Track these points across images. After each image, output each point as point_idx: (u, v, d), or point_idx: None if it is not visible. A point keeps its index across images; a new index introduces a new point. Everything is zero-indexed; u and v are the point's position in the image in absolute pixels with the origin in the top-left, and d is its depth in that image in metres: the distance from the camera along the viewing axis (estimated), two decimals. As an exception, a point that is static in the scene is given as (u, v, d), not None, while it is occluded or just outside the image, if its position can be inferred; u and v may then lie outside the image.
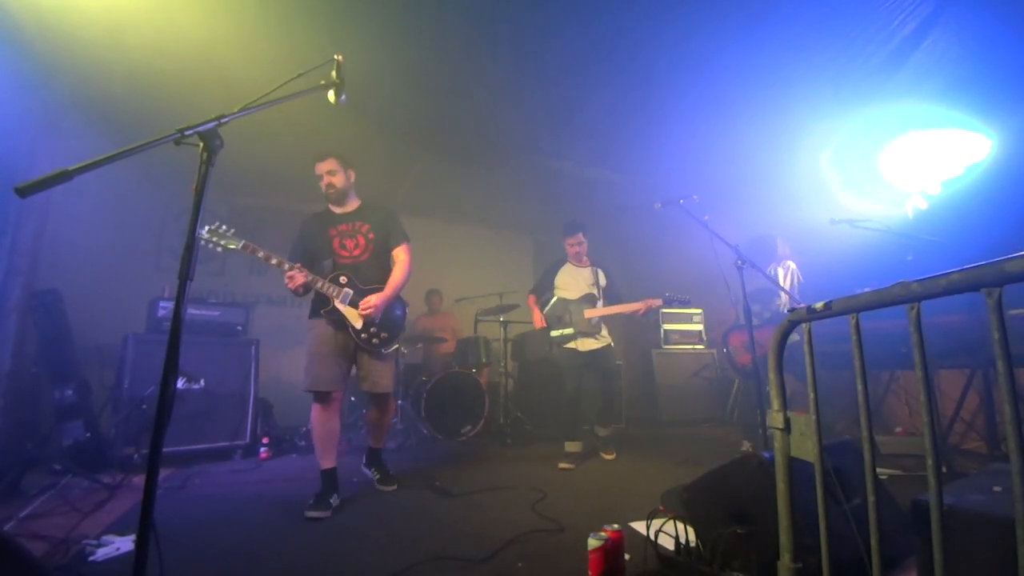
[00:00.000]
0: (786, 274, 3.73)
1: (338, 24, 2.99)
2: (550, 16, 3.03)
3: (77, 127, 3.78)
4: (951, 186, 3.64)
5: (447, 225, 6.56)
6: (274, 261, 2.33)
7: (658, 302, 3.43)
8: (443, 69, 3.52)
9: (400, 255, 2.66)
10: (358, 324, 2.47)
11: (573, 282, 3.57)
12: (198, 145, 1.19)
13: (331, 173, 2.59)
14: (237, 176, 4.66)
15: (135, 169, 4.18)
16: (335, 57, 1.54)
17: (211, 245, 2.27)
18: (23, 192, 0.99)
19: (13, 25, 2.89)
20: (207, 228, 2.29)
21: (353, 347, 2.55)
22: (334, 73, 1.53)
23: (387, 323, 2.56)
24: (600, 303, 3.51)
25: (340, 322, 2.49)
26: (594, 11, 2.98)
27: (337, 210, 2.67)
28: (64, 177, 1.01)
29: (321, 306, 2.48)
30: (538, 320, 3.51)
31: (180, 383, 3.39)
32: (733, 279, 2.79)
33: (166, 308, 3.64)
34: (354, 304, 2.47)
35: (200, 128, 1.18)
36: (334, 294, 2.45)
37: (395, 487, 2.69)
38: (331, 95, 1.54)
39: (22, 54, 3.09)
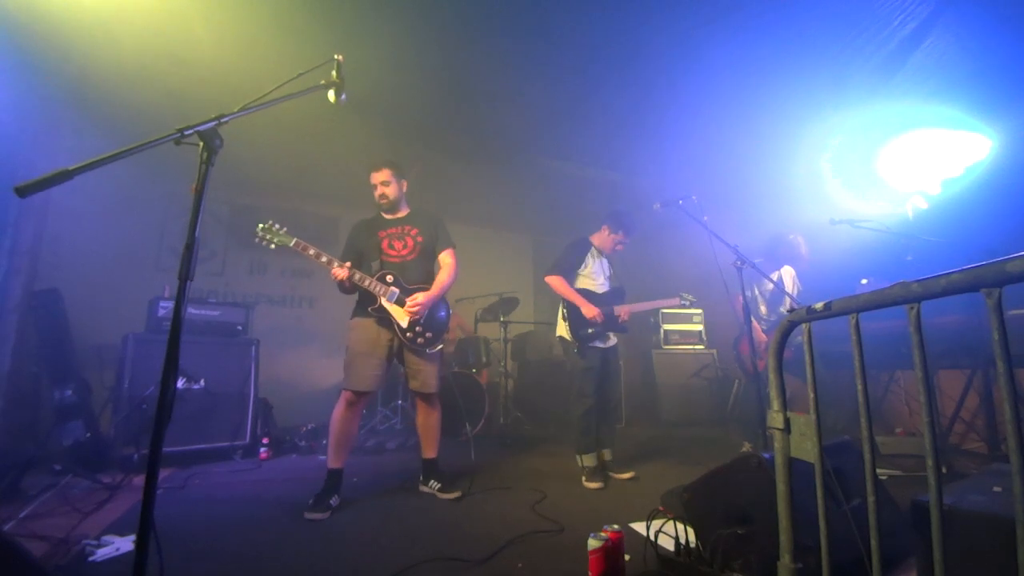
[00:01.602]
0: (792, 280, 3.70)
1: (339, 25, 2.99)
2: (550, 16, 3.03)
3: (77, 127, 3.78)
4: (951, 186, 3.65)
5: (447, 225, 6.56)
6: (324, 259, 2.39)
7: (675, 301, 3.41)
8: (443, 69, 3.52)
9: (446, 259, 2.72)
10: (404, 323, 2.49)
11: (600, 273, 3.20)
12: (198, 145, 1.19)
13: (385, 184, 2.65)
14: (237, 176, 4.66)
15: (135, 169, 4.18)
16: (335, 57, 1.54)
17: (264, 242, 2.34)
18: (23, 192, 0.99)
19: (13, 25, 2.89)
20: (260, 225, 2.36)
21: (397, 346, 2.57)
22: (334, 73, 1.53)
23: (432, 323, 2.57)
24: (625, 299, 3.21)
25: (386, 320, 2.50)
26: (594, 11, 2.98)
27: (388, 216, 2.73)
28: (64, 177, 1.01)
29: (368, 304, 2.50)
30: (581, 301, 2.98)
31: (180, 383, 3.39)
32: (732, 280, 2.78)
33: (166, 308, 3.63)
34: (400, 303, 2.49)
35: (200, 127, 1.18)
36: (380, 292, 2.47)
37: (460, 493, 2.55)
38: (331, 95, 1.54)
39: (22, 54, 3.09)
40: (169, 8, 2.80)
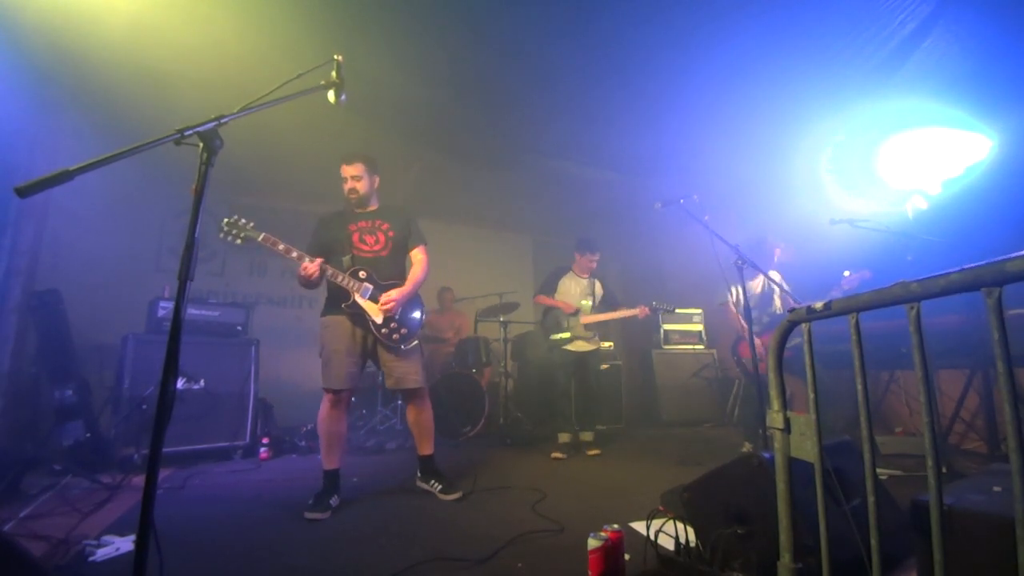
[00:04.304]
0: (779, 283, 3.71)
1: (340, 25, 2.99)
2: (550, 16, 3.03)
3: (77, 127, 3.78)
4: (951, 186, 3.64)
5: (447, 225, 6.56)
6: (294, 254, 2.34)
7: (645, 310, 3.74)
8: (444, 69, 3.53)
9: (418, 255, 2.68)
10: (378, 319, 2.46)
11: (574, 290, 3.87)
12: (198, 145, 1.19)
13: (356, 178, 2.58)
14: (237, 176, 4.66)
15: (135, 169, 4.18)
16: (335, 57, 1.54)
17: (230, 238, 2.26)
18: (23, 192, 0.99)
19: (13, 25, 2.89)
20: (225, 220, 2.27)
21: (372, 343, 2.54)
22: (334, 73, 1.53)
23: (406, 319, 2.56)
24: (595, 312, 3.85)
25: (360, 317, 2.47)
26: (594, 11, 2.98)
27: (358, 210, 2.67)
28: (64, 177, 1.01)
29: (341, 301, 2.46)
30: (559, 303, 3.81)
31: (180, 383, 3.39)
32: (733, 279, 2.79)
33: (166, 308, 3.63)
34: (374, 299, 2.47)
35: (200, 128, 1.18)
36: (354, 288, 2.44)
37: (460, 493, 2.54)
38: (331, 95, 1.54)
39: (22, 54, 3.09)
40: (172, 10, 2.80)
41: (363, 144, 4.30)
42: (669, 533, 1.65)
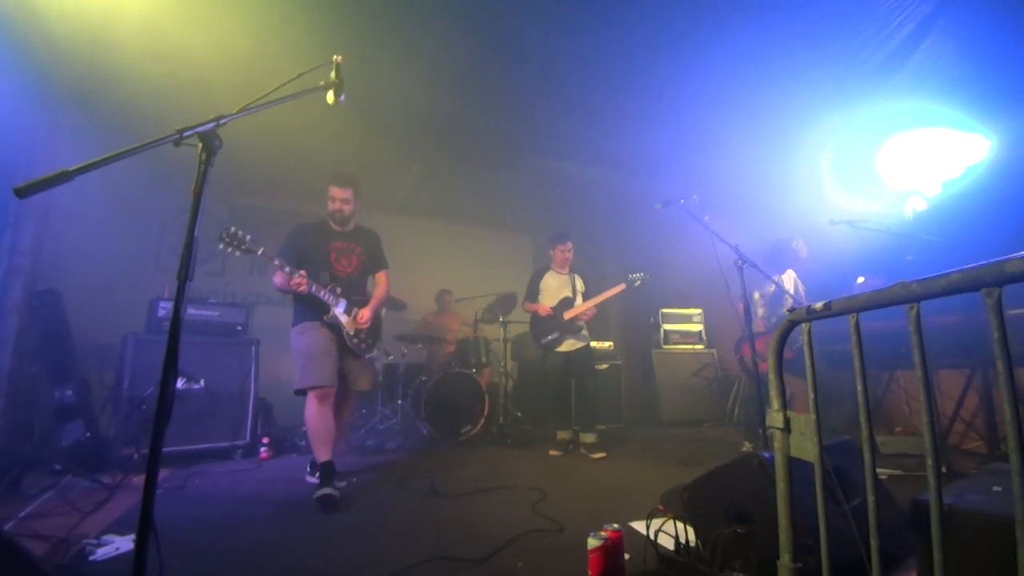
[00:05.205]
0: (793, 282, 3.70)
1: (341, 26, 3.00)
2: (551, 17, 3.04)
3: (77, 127, 3.78)
4: (951, 187, 3.64)
5: (447, 225, 6.57)
6: (287, 269, 2.54)
7: (622, 287, 3.78)
8: (445, 70, 3.53)
9: (381, 278, 3.04)
10: (351, 330, 2.78)
11: (555, 287, 3.91)
12: (197, 146, 1.19)
13: (345, 201, 2.84)
14: (237, 176, 4.66)
15: (136, 169, 4.18)
16: (334, 58, 1.54)
17: (230, 248, 2.41)
18: (22, 193, 0.99)
19: (13, 25, 2.89)
20: (225, 231, 2.41)
21: (341, 350, 2.78)
22: (333, 74, 1.53)
23: (371, 331, 2.93)
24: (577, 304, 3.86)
25: (336, 327, 2.75)
26: (594, 12, 2.99)
27: (336, 228, 2.90)
28: (64, 177, 1.01)
29: (320, 312, 2.72)
30: (543, 309, 3.82)
31: (180, 383, 3.39)
32: (733, 279, 2.78)
33: (166, 308, 3.63)
34: (347, 312, 2.78)
35: (199, 128, 1.18)
36: (333, 303, 2.72)
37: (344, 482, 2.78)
38: (330, 96, 1.54)
39: (22, 54, 3.09)
40: (174, 11, 2.81)
41: (363, 144, 4.32)
42: (669, 533, 1.65)
